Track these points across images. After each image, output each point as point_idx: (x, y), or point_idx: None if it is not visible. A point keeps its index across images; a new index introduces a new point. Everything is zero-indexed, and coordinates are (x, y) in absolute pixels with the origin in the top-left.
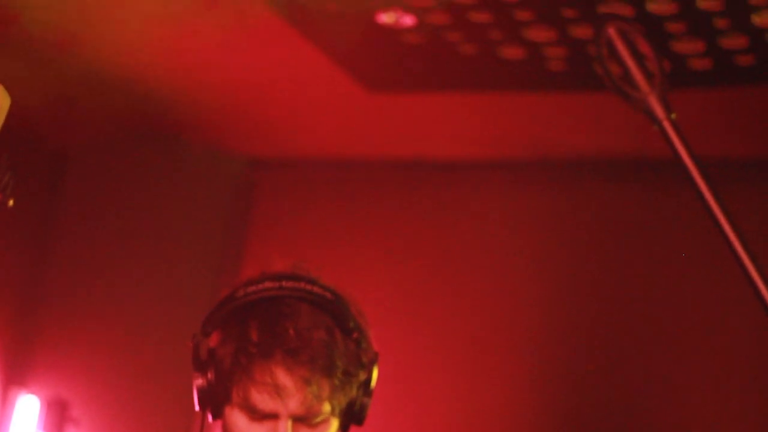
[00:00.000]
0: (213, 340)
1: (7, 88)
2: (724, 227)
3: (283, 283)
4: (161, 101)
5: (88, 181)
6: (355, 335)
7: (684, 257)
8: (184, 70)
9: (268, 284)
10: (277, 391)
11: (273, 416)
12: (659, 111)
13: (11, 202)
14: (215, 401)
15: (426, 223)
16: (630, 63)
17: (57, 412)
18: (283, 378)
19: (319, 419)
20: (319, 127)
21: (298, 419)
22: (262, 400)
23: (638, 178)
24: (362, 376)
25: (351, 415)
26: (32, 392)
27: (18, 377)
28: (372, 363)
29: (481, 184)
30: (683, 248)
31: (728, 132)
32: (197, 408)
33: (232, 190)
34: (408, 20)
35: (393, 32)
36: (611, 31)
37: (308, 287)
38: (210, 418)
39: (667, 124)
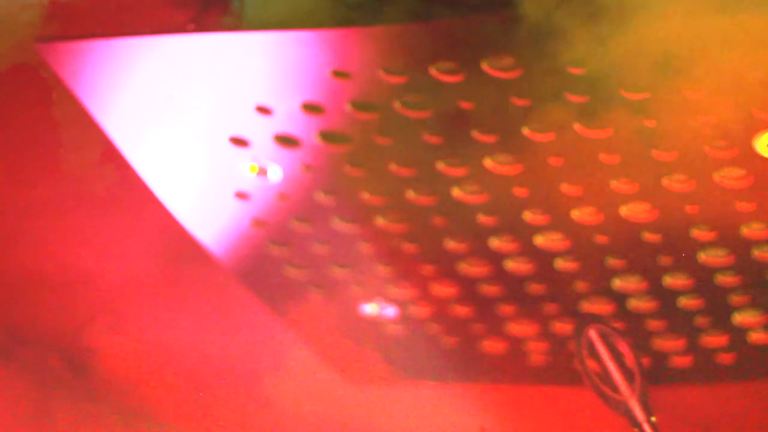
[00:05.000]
0: None
1: None
2: None
3: None
4: (139, 383)
5: None
6: None
7: None
8: (162, 354)
9: None
10: None
11: None
12: (639, 414)
13: None
14: None
15: None
16: (610, 365)
17: None
18: None
19: None
20: (298, 415)
21: None
22: None
23: None
24: None
25: None
26: None
27: None
28: None
29: None
30: None
31: (708, 429)
32: None
33: None
34: (390, 312)
35: (375, 323)
36: (592, 334)
37: None
38: None
39: (647, 427)
